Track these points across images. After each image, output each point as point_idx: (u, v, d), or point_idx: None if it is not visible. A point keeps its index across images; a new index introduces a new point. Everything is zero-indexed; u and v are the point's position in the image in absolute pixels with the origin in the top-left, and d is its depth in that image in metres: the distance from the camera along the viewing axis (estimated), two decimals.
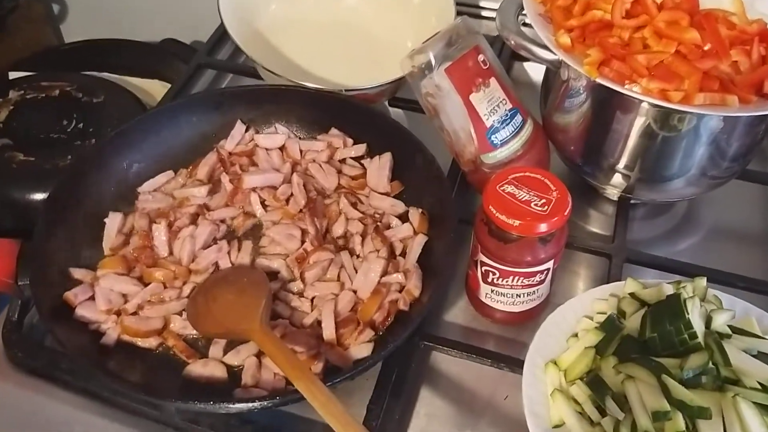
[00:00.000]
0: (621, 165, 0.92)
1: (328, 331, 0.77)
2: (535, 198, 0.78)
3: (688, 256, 0.94)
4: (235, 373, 0.77)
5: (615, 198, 1.00)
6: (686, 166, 0.89)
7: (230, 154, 0.95)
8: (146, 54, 1.46)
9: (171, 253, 0.86)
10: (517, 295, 0.84)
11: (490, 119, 0.92)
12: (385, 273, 0.83)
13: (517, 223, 0.76)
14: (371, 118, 0.95)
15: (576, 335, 0.78)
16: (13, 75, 1.31)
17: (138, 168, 0.93)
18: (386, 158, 0.93)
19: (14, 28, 1.57)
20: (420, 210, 0.88)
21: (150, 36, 1.48)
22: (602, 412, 0.71)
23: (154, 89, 1.33)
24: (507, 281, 0.82)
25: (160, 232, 0.86)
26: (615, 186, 0.97)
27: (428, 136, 0.92)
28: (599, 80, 0.80)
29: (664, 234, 1.02)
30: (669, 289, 0.78)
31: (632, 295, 0.79)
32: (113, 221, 0.87)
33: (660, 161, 0.89)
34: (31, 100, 1.20)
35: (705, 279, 0.81)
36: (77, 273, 0.82)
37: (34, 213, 1.01)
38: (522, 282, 0.82)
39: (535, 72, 1.21)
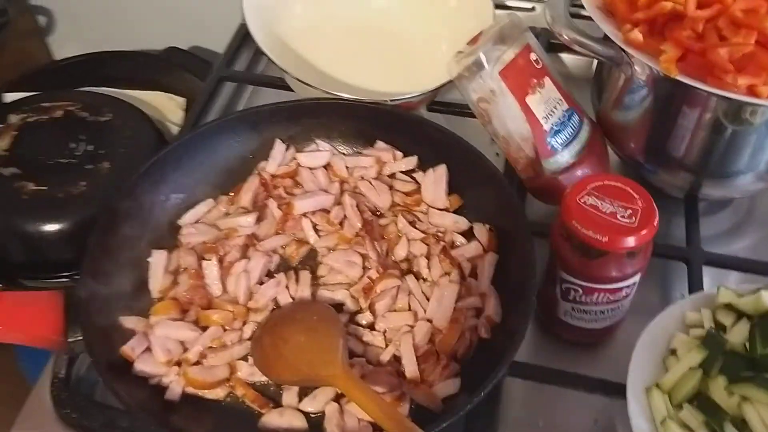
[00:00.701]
0: (687, 161, 0.87)
1: (411, 368, 0.72)
2: (620, 209, 0.73)
3: (764, 254, 0.89)
4: (313, 421, 0.71)
5: (681, 196, 0.95)
6: (757, 160, 0.84)
7: (272, 176, 0.88)
8: (146, 65, 1.37)
9: (225, 290, 0.79)
10: (600, 312, 0.79)
11: (548, 122, 0.86)
12: (458, 298, 0.77)
13: (605, 238, 0.71)
14: (421, 128, 0.89)
15: (673, 353, 0.73)
16: (9, 97, 1.22)
17: (176, 199, 0.86)
18: (441, 170, 0.87)
19: (2, 45, 1.47)
20: (487, 226, 0.82)
21: (144, 45, 1.39)
22: None
23: (160, 103, 1.24)
24: (591, 298, 0.77)
25: (211, 269, 0.79)
26: (680, 184, 0.92)
27: (473, 141, 0.87)
28: (680, 78, 0.75)
29: (728, 231, 0.97)
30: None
31: (728, 305, 0.75)
32: (158, 261, 0.80)
33: (729, 156, 0.85)
34: (34, 124, 1.11)
35: None
36: (128, 322, 0.75)
37: (48, 246, 0.96)
38: (607, 298, 0.77)
39: (572, 63, 1.16)
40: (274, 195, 0.88)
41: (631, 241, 0.71)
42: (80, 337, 0.70)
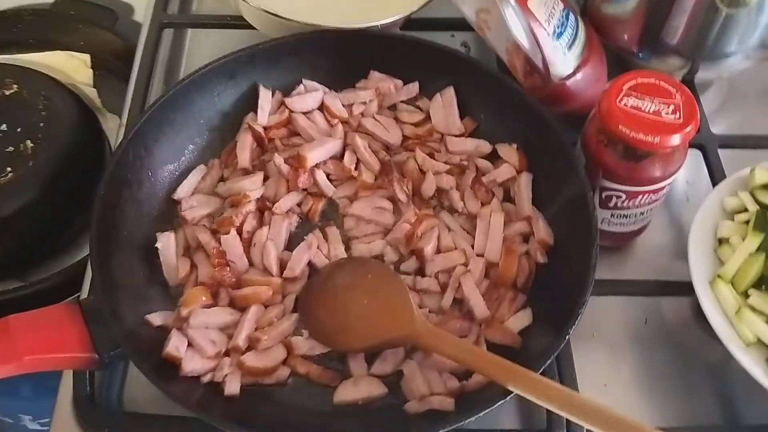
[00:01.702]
0: (682, 46, 0.86)
1: (480, 308, 0.68)
2: (663, 106, 0.70)
3: (760, 128, 0.90)
4: (388, 383, 0.66)
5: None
6: (747, 39, 0.84)
7: (265, 129, 0.79)
8: (36, 23, 1.19)
9: (251, 264, 0.71)
10: (641, 213, 0.77)
11: (550, 24, 0.81)
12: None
13: (657, 139, 0.68)
14: (418, 50, 0.82)
15: (722, 242, 0.73)
16: None
17: (164, 172, 0.76)
18: (450, 93, 0.81)
19: None
20: (514, 145, 0.77)
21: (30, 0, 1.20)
22: None
23: (61, 63, 1.08)
24: (634, 202, 0.75)
25: (232, 243, 0.70)
26: (675, 70, 0.90)
27: None
28: None
29: (717, 113, 0.97)
30: None
31: (765, 185, 0.75)
32: (167, 245, 0.71)
33: (723, 38, 0.84)
34: None
35: None
36: (157, 319, 0.66)
37: None
38: (650, 199, 0.75)
39: None
40: (272, 149, 0.79)
41: (680, 138, 0.69)
42: (118, 349, 0.60)
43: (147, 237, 0.71)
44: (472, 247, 0.73)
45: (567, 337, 0.60)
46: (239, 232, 0.72)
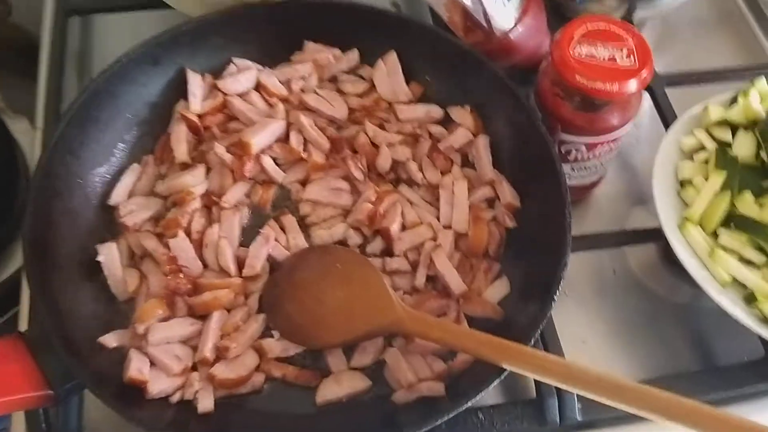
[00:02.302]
0: None
1: (456, 282, 0.65)
2: (616, 51, 0.68)
3: (695, 63, 0.90)
4: (371, 375, 0.62)
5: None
6: None
7: (200, 116, 0.73)
8: None
9: (206, 266, 0.66)
10: (600, 164, 0.75)
11: None
12: None
13: (615, 86, 0.66)
14: (353, 15, 0.77)
15: (684, 184, 0.72)
16: None
17: (95, 177, 0.69)
18: (393, 59, 0.76)
19: None
20: (467, 107, 0.74)
21: None
22: (762, 252, 0.67)
23: None
24: (594, 153, 0.73)
25: (182, 246, 0.65)
26: (612, 11, 0.89)
27: None
28: None
29: (656, 50, 0.96)
30: (756, 101, 0.73)
31: (720, 122, 0.74)
32: (110, 257, 0.65)
33: None
34: None
35: (764, 78, 0.77)
36: (112, 340, 0.61)
37: None
38: (609, 148, 0.73)
39: None
40: (210, 137, 0.73)
41: (638, 82, 0.67)
42: (74, 380, 0.55)
43: (87, 251, 0.65)
44: (438, 219, 0.69)
45: (553, 303, 0.58)
46: (188, 233, 0.66)
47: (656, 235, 0.74)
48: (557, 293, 0.58)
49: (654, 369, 0.70)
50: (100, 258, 0.64)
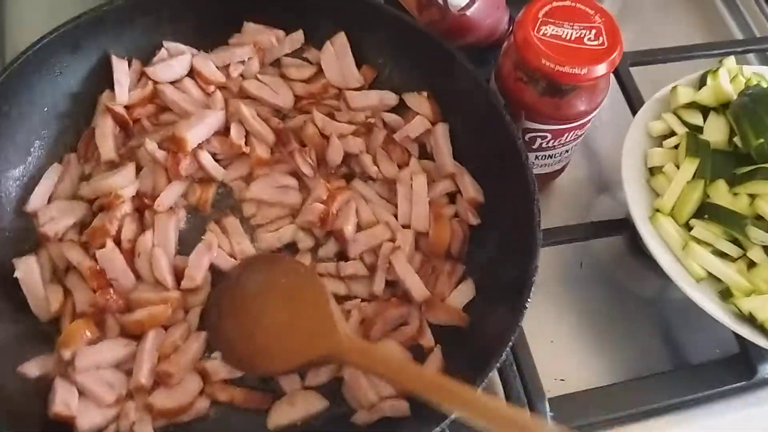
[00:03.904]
0: None
1: (417, 288, 0.60)
2: (584, 31, 0.63)
3: (658, 40, 0.86)
4: (328, 393, 0.57)
5: None
6: None
7: (127, 108, 0.65)
8: None
9: (139, 278, 0.59)
10: (566, 151, 0.71)
11: None
12: None
13: (585, 70, 0.61)
14: None
15: (653, 172, 0.68)
16: None
17: (9, 181, 0.61)
18: (341, 40, 0.70)
19: None
20: (424, 93, 0.68)
21: None
22: (737, 244, 0.63)
23: None
24: (560, 140, 0.68)
25: (111, 258, 0.58)
26: None
27: None
28: None
29: None
30: (725, 81, 0.70)
31: (689, 104, 0.70)
32: (28, 272, 0.57)
33: None
34: None
35: (733, 57, 0.74)
36: (33, 369, 0.54)
37: None
38: (575, 135, 0.69)
39: None
40: (140, 131, 0.65)
41: (608, 65, 0.62)
42: None
43: (2, 265, 0.57)
44: (396, 217, 0.63)
45: (524, 311, 0.53)
46: (117, 242, 0.59)
47: (624, 226, 0.71)
48: (528, 301, 0.53)
49: (626, 369, 0.67)
50: (17, 274, 0.57)
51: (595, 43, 0.62)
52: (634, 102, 0.77)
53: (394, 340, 0.58)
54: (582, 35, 0.62)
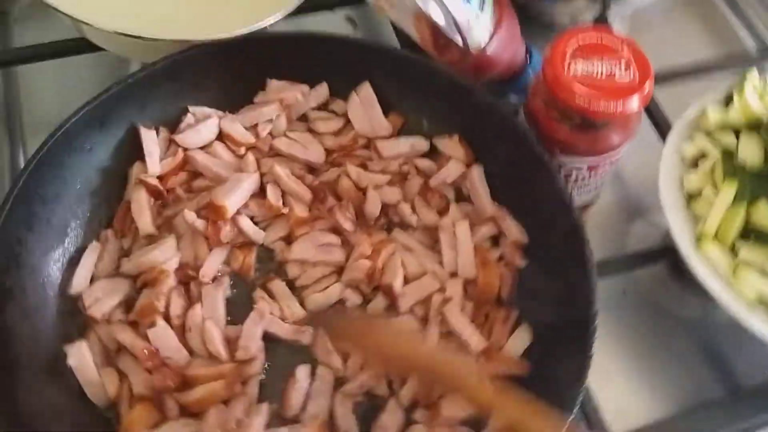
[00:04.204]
0: None
1: (475, 339, 0.59)
2: (614, 65, 0.63)
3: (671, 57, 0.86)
4: None
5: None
6: None
7: (160, 178, 0.64)
8: None
9: (192, 353, 0.58)
10: (600, 183, 0.71)
11: None
12: None
13: (620, 105, 0.61)
14: (316, 47, 0.69)
15: (692, 197, 0.68)
16: None
17: (49, 264, 0.60)
18: (367, 90, 0.69)
19: None
20: (455, 136, 0.67)
21: None
22: None
23: None
24: (595, 172, 0.68)
25: (164, 336, 0.57)
26: (584, 10, 0.84)
27: None
28: None
29: None
30: (755, 101, 0.70)
31: (723, 125, 0.70)
32: (80, 359, 0.56)
33: None
34: None
35: (755, 70, 0.74)
36: None
37: None
38: (609, 164, 0.68)
39: None
40: (175, 200, 0.65)
41: (641, 98, 0.62)
42: None
43: (53, 351, 0.56)
44: (441, 264, 0.63)
45: (592, 353, 0.53)
46: (166, 318, 0.58)
47: (664, 254, 0.70)
48: (593, 350, 0.53)
49: (678, 399, 0.66)
50: (70, 361, 0.55)
51: (626, 76, 0.62)
52: (659, 123, 0.77)
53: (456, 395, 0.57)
54: (612, 70, 0.62)
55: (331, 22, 0.87)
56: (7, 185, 0.69)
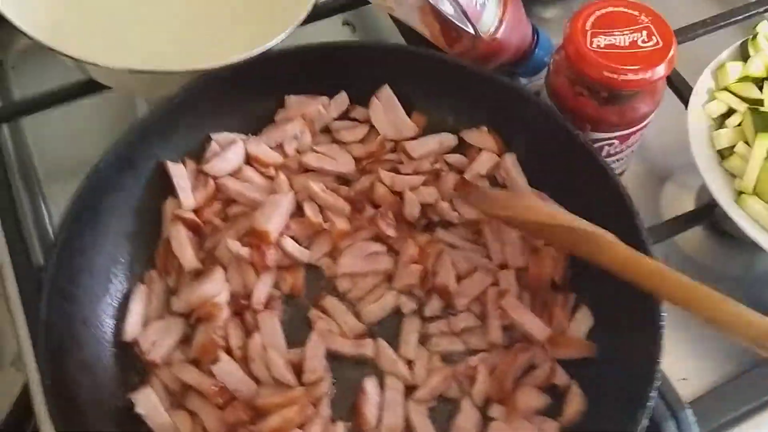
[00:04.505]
0: None
1: (538, 327, 0.59)
2: (635, 35, 0.62)
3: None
4: None
5: None
6: None
7: (196, 211, 0.64)
8: None
9: (259, 382, 0.57)
10: (631, 152, 0.70)
11: None
12: None
13: (648, 74, 0.60)
14: (329, 57, 0.68)
15: (723, 155, 0.68)
16: None
17: (99, 313, 0.59)
18: (387, 93, 0.69)
19: None
20: (483, 128, 0.67)
21: None
22: None
23: None
24: (626, 143, 0.68)
25: (228, 371, 0.56)
26: None
27: None
28: None
29: None
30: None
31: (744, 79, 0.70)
32: (150, 406, 0.56)
33: None
34: None
35: (766, 21, 0.74)
36: None
37: None
38: (640, 134, 0.68)
39: None
40: (213, 231, 0.64)
41: (667, 63, 0.61)
42: None
43: (117, 400, 0.56)
44: (490, 258, 0.62)
45: (663, 324, 0.52)
46: (227, 352, 0.57)
47: (701, 214, 0.70)
48: (663, 319, 0.53)
49: (738, 358, 0.66)
50: (138, 410, 0.55)
51: (650, 43, 0.62)
52: (677, 85, 0.76)
53: (528, 385, 0.57)
54: (635, 39, 0.62)
55: (330, 29, 0.86)
56: (35, 235, 0.69)
